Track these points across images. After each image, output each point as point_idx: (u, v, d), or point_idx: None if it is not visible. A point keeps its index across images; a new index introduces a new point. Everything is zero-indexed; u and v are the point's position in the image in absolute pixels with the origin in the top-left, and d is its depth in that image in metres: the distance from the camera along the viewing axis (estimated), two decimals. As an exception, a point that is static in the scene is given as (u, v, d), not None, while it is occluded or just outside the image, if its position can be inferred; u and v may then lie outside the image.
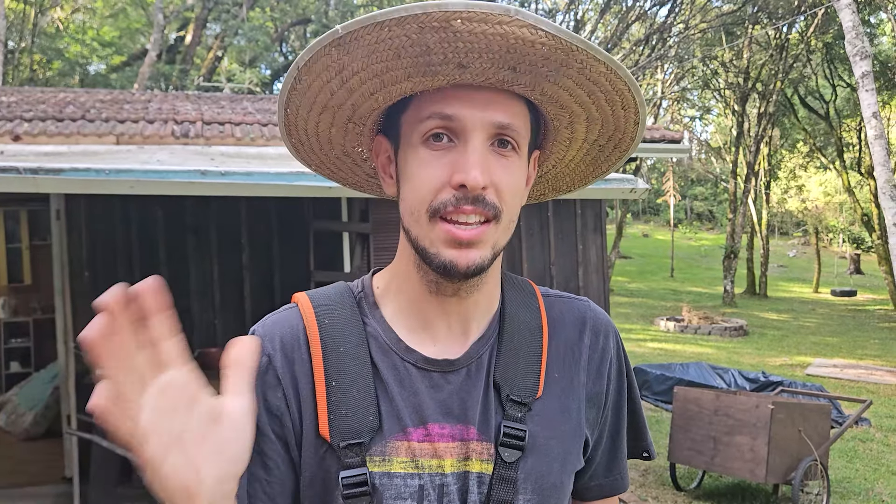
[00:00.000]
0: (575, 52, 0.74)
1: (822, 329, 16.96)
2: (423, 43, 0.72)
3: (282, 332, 0.85)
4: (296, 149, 0.90)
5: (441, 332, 0.86)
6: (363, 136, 0.88)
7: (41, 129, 5.23)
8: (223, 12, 16.87)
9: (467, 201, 0.76)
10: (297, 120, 0.84)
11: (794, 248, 39.12)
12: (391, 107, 0.83)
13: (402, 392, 0.82)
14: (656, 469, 6.07)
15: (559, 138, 0.89)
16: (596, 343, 0.92)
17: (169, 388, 0.61)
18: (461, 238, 0.77)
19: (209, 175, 2.89)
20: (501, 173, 0.79)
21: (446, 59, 0.74)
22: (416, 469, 0.80)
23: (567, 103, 0.82)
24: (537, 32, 0.71)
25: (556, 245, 6.34)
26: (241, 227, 5.96)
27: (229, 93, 10.86)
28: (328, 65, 0.76)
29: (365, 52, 0.74)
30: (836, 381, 10.21)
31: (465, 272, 0.79)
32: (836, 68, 21.81)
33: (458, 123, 0.77)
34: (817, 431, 4.97)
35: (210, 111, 6.35)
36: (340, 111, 0.83)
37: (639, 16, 20.73)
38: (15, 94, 7.26)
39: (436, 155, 0.78)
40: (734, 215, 21.26)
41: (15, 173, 2.70)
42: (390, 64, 0.75)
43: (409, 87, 0.78)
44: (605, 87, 0.80)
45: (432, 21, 0.70)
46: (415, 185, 0.79)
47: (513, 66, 0.75)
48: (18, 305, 8.47)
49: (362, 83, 0.78)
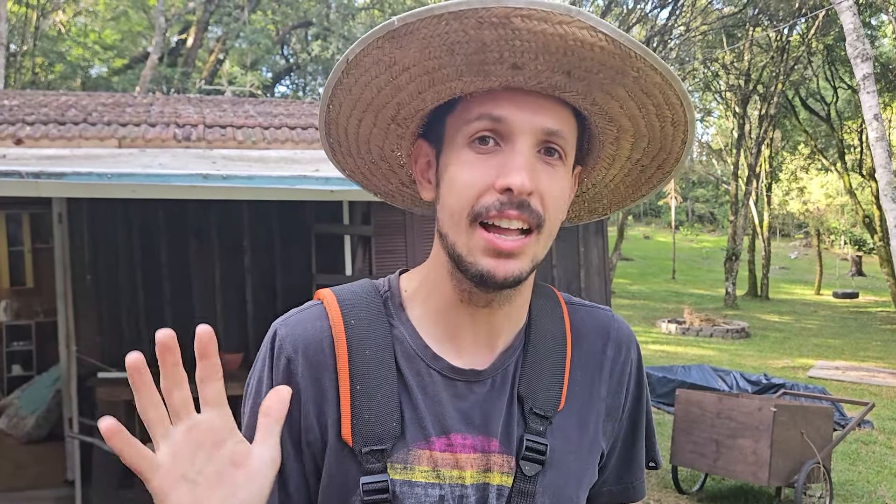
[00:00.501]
0: (632, 59, 0.72)
1: (824, 331, 16.94)
2: (480, 39, 0.70)
3: (305, 333, 0.82)
4: (333, 150, 0.88)
5: (467, 342, 0.84)
6: (404, 140, 0.86)
7: (43, 132, 5.24)
8: (225, 15, 16.90)
9: (512, 206, 0.74)
10: (339, 118, 0.82)
11: (795, 250, 39.09)
12: (436, 109, 0.81)
13: (426, 400, 0.81)
14: (658, 472, 6.06)
15: (603, 155, 0.87)
16: (618, 356, 0.91)
17: (197, 428, 0.65)
18: (502, 248, 0.75)
19: (211, 178, 2.89)
20: (547, 181, 0.76)
21: (501, 58, 0.72)
22: (438, 479, 0.79)
23: (617, 116, 0.80)
24: (597, 35, 0.70)
25: (558, 247, 6.34)
26: (243, 230, 5.96)
27: (231, 96, 10.87)
28: (379, 58, 0.74)
29: (419, 45, 0.72)
30: (839, 384, 10.19)
31: (501, 283, 0.76)
32: (837, 70, 21.80)
33: (507, 126, 0.75)
34: (820, 434, 4.96)
35: (212, 114, 6.36)
36: (384, 110, 0.81)
37: (640, 18, 20.75)
38: (17, 98, 7.27)
39: (481, 158, 0.76)
40: (735, 217, 21.25)
41: (17, 177, 2.70)
42: (444, 60, 0.73)
43: (460, 86, 0.76)
44: (658, 101, 0.78)
45: (492, 16, 0.68)
46: (457, 188, 0.77)
47: (568, 70, 0.73)
48: (20, 308, 8.48)
49: (411, 80, 0.76)
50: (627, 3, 20.30)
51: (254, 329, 5.88)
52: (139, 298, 5.85)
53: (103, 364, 5.53)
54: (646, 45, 6.39)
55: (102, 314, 5.76)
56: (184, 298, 5.91)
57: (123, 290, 5.82)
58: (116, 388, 5.09)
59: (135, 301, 5.83)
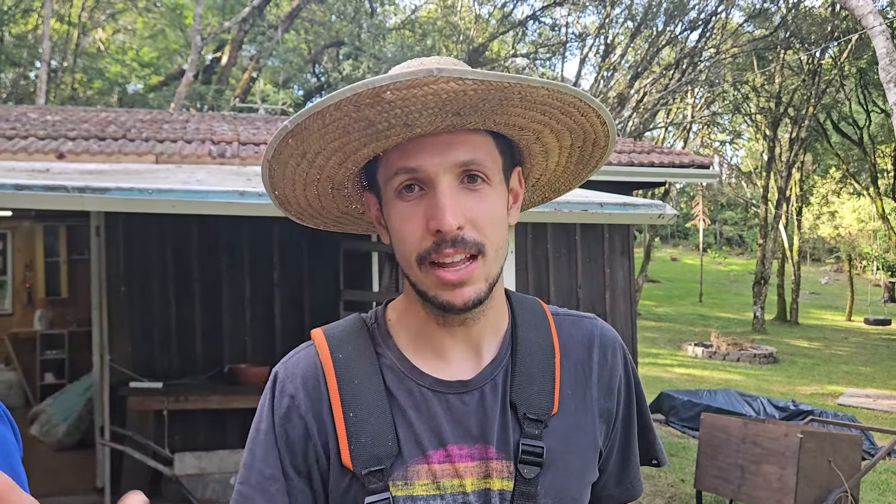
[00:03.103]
0: (510, 88, 0.77)
1: (854, 358, 16.62)
2: (365, 118, 0.77)
3: (303, 371, 0.89)
4: (299, 217, 0.97)
5: (454, 356, 0.89)
6: (351, 198, 0.94)
7: (84, 147, 5.41)
8: (259, 34, 17.24)
9: (447, 244, 0.80)
10: (287, 198, 0.91)
11: (826, 275, 38.45)
12: (367, 166, 0.88)
13: (420, 416, 0.85)
14: (682, 496, 6.00)
15: (533, 152, 0.92)
16: (605, 360, 0.95)
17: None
18: (452, 280, 0.81)
19: (247, 196, 2.98)
20: (476, 206, 0.82)
21: (391, 125, 0.78)
22: (438, 490, 0.83)
23: (525, 125, 0.85)
24: (465, 83, 0.74)
25: (584, 268, 6.35)
26: (273, 245, 6.07)
27: (264, 113, 11.08)
28: (292, 152, 0.82)
29: (317, 136, 0.80)
30: (869, 412, 10.00)
31: (462, 308, 0.83)
32: (870, 94, 21.57)
33: (423, 173, 0.81)
34: (848, 462, 4.89)
35: (246, 132, 6.50)
36: (320, 184, 0.89)
37: (669, 40, 20.74)
38: (59, 113, 7.50)
39: (410, 206, 0.83)
40: (765, 240, 21.01)
41: (63, 192, 2.81)
42: (343, 140, 0.81)
43: (370, 151, 0.83)
44: (555, 104, 0.82)
45: (364, 99, 0.74)
46: (399, 237, 0.85)
47: (456, 111, 0.78)
48: (55, 318, 8.69)
49: (328, 159, 0.84)
50: (657, 25, 20.32)
51: (281, 343, 5.97)
52: (171, 310, 5.97)
53: (134, 374, 5.65)
54: (675, 67, 6.35)
55: (135, 325, 5.89)
56: (214, 312, 6.02)
57: (156, 303, 5.95)
58: (147, 397, 5.20)
59: (166, 313, 5.96)
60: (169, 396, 5.17)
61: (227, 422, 5.62)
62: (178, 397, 5.16)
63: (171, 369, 5.86)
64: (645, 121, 22.74)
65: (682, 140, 26.80)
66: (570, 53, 48.51)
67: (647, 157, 6.80)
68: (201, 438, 5.57)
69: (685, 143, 26.78)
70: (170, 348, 5.95)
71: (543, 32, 22.67)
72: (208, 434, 5.61)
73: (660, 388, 10.05)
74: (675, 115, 27.47)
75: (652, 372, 13.00)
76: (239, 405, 5.10)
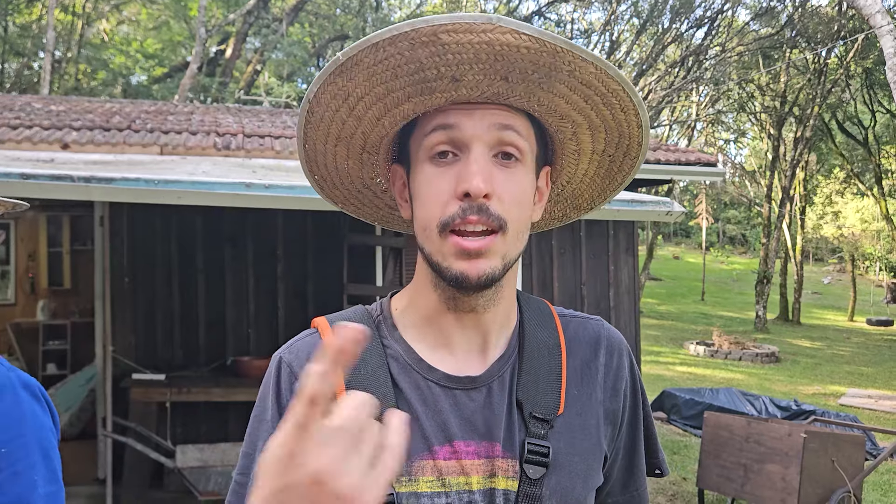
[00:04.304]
0: (561, 54, 0.76)
1: (856, 358, 16.60)
2: (416, 59, 0.76)
3: (308, 356, 0.86)
4: (320, 186, 0.94)
5: (460, 347, 0.87)
6: (378, 167, 0.92)
7: (89, 137, 5.39)
8: (263, 27, 17.20)
9: (472, 211, 0.78)
10: (316, 155, 0.89)
11: (829, 275, 38.41)
12: (401, 134, 0.87)
13: (427, 411, 0.84)
14: (684, 494, 6.00)
15: (566, 151, 0.91)
16: (611, 361, 0.94)
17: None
18: (468, 248, 0.79)
19: (254, 188, 2.97)
20: (505, 182, 0.81)
21: (440, 73, 0.77)
22: (443, 487, 0.81)
23: (566, 112, 0.84)
24: (521, 37, 0.74)
25: (588, 265, 6.33)
26: (277, 238, 6.06)
27: (269, 106, 11.06)
28: (335, 93, 0.80)
29: (365, 75, 0.78)
30: (871, 413, 9.99)
31: (476, 283, 0.80)
32: (876, 94, 21.49)
33: (460, 133, 0.80)
34: (851, 462, 4.88)
35: (251, 124, 6.49)
36: (353, 141, 0.87)
37: (675, 38, 20.69)
38: (63, 104, 7.48)
39: (441, 170, 0.81)
40: (768, 240, 20.96)
41: (69, 181, 2.80)
42: (390, 85, 0.79)
43: (411, 107, 0.82)
44: (600, 90, 0.81)
45: (421, 36, 0.74)
46: (424, 202, 0.83)
47: (504, 75, 0.78)
48: (57, 308, 8.69)
49: (368, 108, 0.82)
50: (663, 22, 20.26)
51: (284, 335, 5.94)
52: (174, 302, 5.97)
53: (137, 365, 5.65)
54: (680, 65, 6.37)
55: (138, 316, 5.88)
56: (217, 304, 6.01)
57: (159, 294, 5.94)
58: (150, 389, 5.20)
59: (170, 304, 5.95)
60: (172, 388, 5.16)
61: (229, 414, 5.62)
62: (180, 389, 5.16)
63: (173, 361, 5.85)
64: (650, 118, 22.65)
65: (687, 138, 26.74)
66: (575, 50, 48.26)
67: (653, 154, 6.78)
68: (204, 430, 5.57)
69: (689, 142, 26.73)
70: (173, 340, 5.94)
71: (549, 28, 22.63)
72: (211, 426, 5.61)
73: (661, 386, 10.04)
74: (680, 113, 27.41)
75: (654, 370, 12.98)
76: (242, 398, 5.10)
